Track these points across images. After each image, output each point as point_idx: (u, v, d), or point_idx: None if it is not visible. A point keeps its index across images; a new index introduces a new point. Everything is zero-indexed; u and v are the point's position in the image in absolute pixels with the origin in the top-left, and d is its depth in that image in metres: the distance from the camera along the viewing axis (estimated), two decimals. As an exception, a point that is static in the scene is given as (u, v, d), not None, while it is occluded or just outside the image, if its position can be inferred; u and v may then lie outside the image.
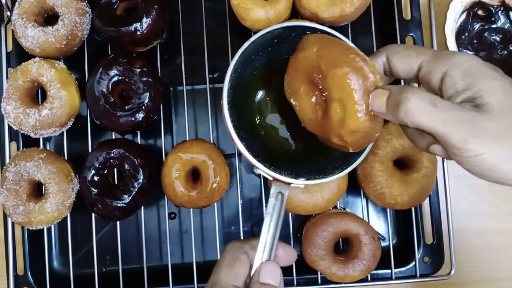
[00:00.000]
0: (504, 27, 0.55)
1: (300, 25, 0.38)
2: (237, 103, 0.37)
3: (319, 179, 0.37)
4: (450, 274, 0.52)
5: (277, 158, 0.37)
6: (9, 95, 0.50)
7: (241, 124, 0.37)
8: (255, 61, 0.39)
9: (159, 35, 0.51)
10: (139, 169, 0.50)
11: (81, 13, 0.50)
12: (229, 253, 0.37)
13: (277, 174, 0.36)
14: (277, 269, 0.36)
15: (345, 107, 0.31)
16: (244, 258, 0.36)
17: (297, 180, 0.36)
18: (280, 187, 0.37)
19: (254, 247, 0.37)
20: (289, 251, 0.40)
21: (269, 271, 0.35)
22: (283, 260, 0.39)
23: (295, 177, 0.36)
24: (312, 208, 0.51)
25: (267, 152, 0.37)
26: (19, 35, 0.50)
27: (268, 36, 0.38)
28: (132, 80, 0.49)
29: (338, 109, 0.32)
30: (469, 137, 0.28)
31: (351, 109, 0.31)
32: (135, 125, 0.50)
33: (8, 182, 0.49)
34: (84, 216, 0.54)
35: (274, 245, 0.36)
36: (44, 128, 0.50)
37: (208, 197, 0.50)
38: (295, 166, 0.37)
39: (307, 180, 0.36)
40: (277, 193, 0.37)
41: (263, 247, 0.36)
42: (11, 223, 0.53)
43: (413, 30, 0.55)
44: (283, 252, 0.39)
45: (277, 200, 0.37)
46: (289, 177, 0.36)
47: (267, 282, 0.35)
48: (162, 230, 0.57)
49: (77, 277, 0.53)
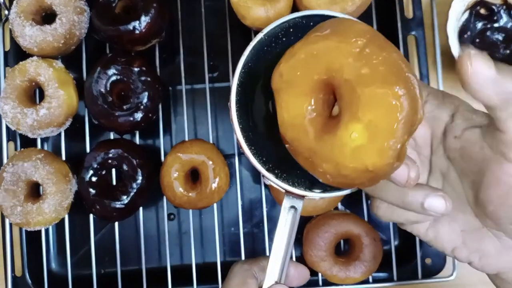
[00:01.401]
0: (506, 26, 0.55)
1: (320, 14, 0.32)
2: (247, 103, 0.32)
3: (336, 192, 0.32)
4: (452, 276, 0.52)
5: (290, 164, 0.31)
6: (6, 94, 0.49)
7: (252, 126, 0.32)
8: (268, 53, 0.33)
9: (158, 34, 0.51)
10: (137, 170, 0.50)
11: (79, 12, 0.50)
12: (236, 277, 0.35)
13: (290, 187, 0.31)
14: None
15: (373, 137, 0.24)
16: (253, 283, 0.34)
17: (311, 193, 0.31)
18: (293, 200, 0.33)
19: (263, 268, 0.35)
20: (301, 270, 0.37)
21: None
22: (295, 280, 0.37)
23: (309, 186, 0.32)
24: (313, 209, 0.51)
25: (280, 157, 0.32)
26: (16, 34, 0.49)
27: (284, 26, 0.32)
28: (131, 79, 0.49)
29: (359, 135, 0.24)
30: None
31: (381, 144, 0.24)
32: (134, 125, 0.50)
33: (5, 182, 0.49)
34: (82, 217, 0.54)
35: (286, 265, 0.33)
36: (42, 128, 0.49)
37: (208, 198, 0.50)
38: (307, 174, 0.31)
39: (323, 192, 0.32)
40: (289, 207, 0.33)
41: (272, 268, 0.33)
42: (8, 224, 0.52)
43: (415, 29, 0.55)
44: (295, 271, 0.37)
45: (289, 215, 0.33)
46: (302, 186, 0.31)
47: None
48: (161, 231, 0.56)
49: (75, 278, 0.53)
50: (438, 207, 0.28)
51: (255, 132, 0.32)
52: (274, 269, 0.33)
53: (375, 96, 0.24)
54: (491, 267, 0.31)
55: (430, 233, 0.32)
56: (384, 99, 0.23)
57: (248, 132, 0.32)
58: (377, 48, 0.24)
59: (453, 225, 0.31)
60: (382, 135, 0.24)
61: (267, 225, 0.54)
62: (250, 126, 0.32)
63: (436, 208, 0.28)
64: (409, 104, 0.23)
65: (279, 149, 0.31)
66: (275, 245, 0.33)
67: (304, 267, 0.38)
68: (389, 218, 0.32)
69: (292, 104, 0.27)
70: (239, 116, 0.32)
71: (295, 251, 0.54)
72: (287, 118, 0.28)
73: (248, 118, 0.32)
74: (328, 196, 0.32)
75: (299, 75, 0.27)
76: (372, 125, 0.24)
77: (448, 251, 0.31)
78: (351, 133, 0.24)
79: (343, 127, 0.25)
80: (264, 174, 0.31)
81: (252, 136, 0.32)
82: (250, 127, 0.32)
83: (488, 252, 0.30)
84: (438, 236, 0.31)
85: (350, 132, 0.24)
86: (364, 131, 0.24)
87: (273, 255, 0.33)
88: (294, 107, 0.27)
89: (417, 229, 0.32)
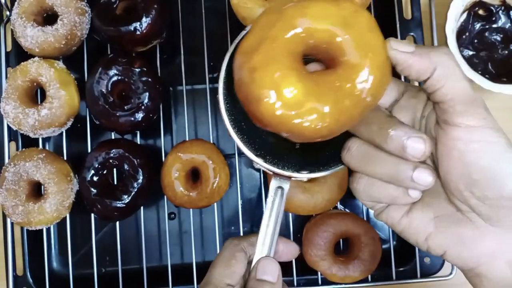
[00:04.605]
0: (505, 26, 0.55)
1: None
2: (235, 94, 0.33)
3: (322, 172, 0.34)
4: (451, 275, 0.52)
5: (282, 151, 0.34)
6: (8, 95, 0.50)
7: (242, 117, 0.34)
8: None
9: (158, 35, 0.51)
10: (138, 169, 0.50)
11: (80, 13, 0.50)
12: (226, 251, 0.36)
13: (276, 168, 0.34)
14: (275, 264, 0.35)
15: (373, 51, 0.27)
16: (241, 256, 0.36)
17: (298, 174, 0.34)
18: (280, 181, 0.36)
19: (252, 244, 0.36)
20: (290, 245, 0.38)
21: (266, 267, 0.35)
22: (284, 255, 0.38)
23: (298, 170, 0.34)
24: (313, 209, 0.51)
25: (270, 144, 0.35)
26: (18, 35, 0.50)
27: None
28: (132, 80, 0.49)
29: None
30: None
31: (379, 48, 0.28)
32: (135, 125, 0.50)
33: (7, 182, 0.49)
34: (83, 216, 0.54)
35: (274, 241, 0.35)
36: (43, 128, 0.49)
37: (208, 198, 0.50)
38: (299, 158, 0.35)
39: (310, 173, 0.34)
40: (276, 187, 0.35)
41: (262, 243, 0.35)
42: (10, 223, 0.52)
43: (413, 30, 0.55)
44: (283, 247, 0.38)
45: (277, 195, 0.35)
46: (291, 170, 0.34)
47: (264, 279, 0.34)
48: (162, 231, 0.56)
49: (76, 277, 0.53)
50: (426, 180, 0.29)
51: (246, 122, 0.34)
52: (264, 243, 0.35)
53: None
54: (468, 257, 0.30)
55: (403, 221, 0.32)
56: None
57: (240, 123, 0.34)
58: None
59: (426, 212, 0.31)
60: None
61: (267, 224, 0.54)
62: (240, 117, 0.34)
63: (424, 180, 0.29)
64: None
65: (269, 137, 0.34)
66: (264, 222, 0.35)
67: (293, 243, 0.39)
68: (367, 194, 0.32)
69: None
70: (228, 108, 0.34)
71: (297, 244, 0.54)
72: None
73: (238, 109, 0.33)
74: (315, 176, 0.34)
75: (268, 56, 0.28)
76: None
77: (422, 239, 0.31)
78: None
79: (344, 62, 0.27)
80: (253, 159, 0.33)
81: (244, 126, 0.34)
82: (241, 118, 0.34)
83: (463, 238, 0.30)
84: (411, 223, 0.32)
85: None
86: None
87: (262, 230, 0.35)
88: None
89: (391, 217, 0.32)
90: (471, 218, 0.30)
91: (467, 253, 0.30)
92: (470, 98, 0.28)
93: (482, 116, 0.28)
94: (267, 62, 0.27)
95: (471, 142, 0.28)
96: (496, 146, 0.28)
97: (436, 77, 0.28)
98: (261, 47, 0.27)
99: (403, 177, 0.29)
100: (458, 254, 0.30)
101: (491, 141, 0.28)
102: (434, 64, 0.28)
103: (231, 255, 0.36)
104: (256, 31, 0.28)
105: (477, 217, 0.29)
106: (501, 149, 0.28)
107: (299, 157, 0.31)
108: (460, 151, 0.28)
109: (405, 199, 0.31)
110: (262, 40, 0.27)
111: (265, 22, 0.28)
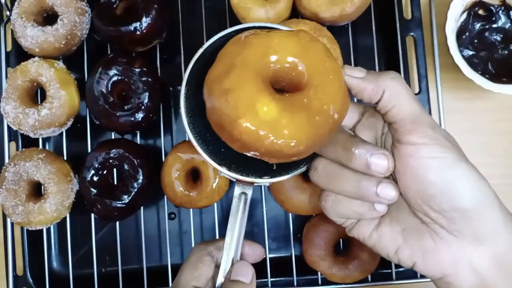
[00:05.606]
0: (504, 26, 0.55)
1: (258, 26, 0.35)
2: (198, 110, 0.36)
3: (283, 176, 0.36)
4: (450, 275, 0.52)
5: (246, 158, 0.35)
6: (8, 95, 0.50)
7: (207, 130, 0.36)
8: (209, 66, 0.37)
9: (158, 35, 0.51)
10: (138, 169, 0.50)
11: (80, 13, 0.50)
12: (193, 255, 0.38)
13: (240, 176, 0.35)
14: (248, 267, 0.37)
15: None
16: (208, 259, 0.37)
17: (261, 179, 0.36)
18: (243, 187, 0.37)
19: (219, 247, 0.38)
20: (255, 247, 0.40)
21: (240, 269, 0.36)
22: (250, 257, 0.40)
23: (261, 176, 0.36)
24: (313, 209, 0.51)
25: (236, 153, 0.35)
26: (18, 35, 0.50)
27: (223, 39, 0.35)
28: (132, 80, 0.49)
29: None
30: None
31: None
32: (135, 125, 0.50)
33: (7, 182, 0.49)
34: (83, 216, 0.54)
35: (240, 244, 0.37)
36: (43, 128, 0.49)
37: (208, 198, 0.50)
38: (263, 165, 0.36)
39: (271, 178, 0.36)
40: (240, 193, 0.37)
41: (228, 247, 0.37)
42: (10, 223, 0.52)
43: (413, 30, 0.55)
44: (249, 249, 0.40)
45: (241, 201, 0.37)
46: (254, 176, 0.35)
47: (238, 279, 0.36)
48: (162, 231, 0.56)
49: (76, 277, 0.53)
50: (389, 194, 0.31)
51: (210, 133, 0.35)
52: (230, 247, 0.37)
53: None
54: (434, 267, 0.31)
55: (374, 236, 0.34)
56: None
57: (205, 134, 0.35)
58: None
59: (394, 225, 0.33)
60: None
61: (267, 224, 0.54)
62: (205, 129, 0.35)
63: (387, 195, 0.31)
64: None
65: (232, 149, 0.35)
66: (229, 227, 0.37)
67: (258, 245, 0.41)
68: (335, 211, 0.34)
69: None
70: (192, 121, 0.35)
71: (295, 249, 0.54)
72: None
73: (203, 122, 0.35)
74: (275, 181, 0.35)
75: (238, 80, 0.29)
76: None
77: (392, 252, 0.33)
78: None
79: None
80: (217, 167, 0.35)
81: (209, 138, 0.35)
82: (206, 130, 0.35)
83: (428, 248, 0.31)
84: (381, 237, 0.33)
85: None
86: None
87: (228, 235, 0.37)
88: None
89: (362, 232, 0.34)
90: (434, 229, 0.31)
91: (433, 264, 0.32)
92: (417, 117, 0.30)
93: (428, 133, 0.30)
94: (239, 85, 0.28)
95: (421, 159, 0.30)
96: (443, 161, 0.30)
97: (385, 100, 0.31)
98: (231, 72, 0.28)
99: (368, 193, 0.31)
100: (425, 265, 0.32)
101: (438, 156, 0.30)
102: (382, 88, 0.31)
103: (198, 259, 0.38)
104: (223, 60, 0.30)
105: (440, 228, 0.31)
106: (448, 164, 0.30)
107: (262, 163, 0.33)
108: (413, 168, 0.30)
109: (372, 213, 0.32)
110: (231, 66, 0.28)
111: (231, 51, 0.30)
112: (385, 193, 0.31)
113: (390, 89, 0.31)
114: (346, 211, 0.33)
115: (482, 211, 0.30)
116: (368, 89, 0.31)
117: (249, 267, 0.37)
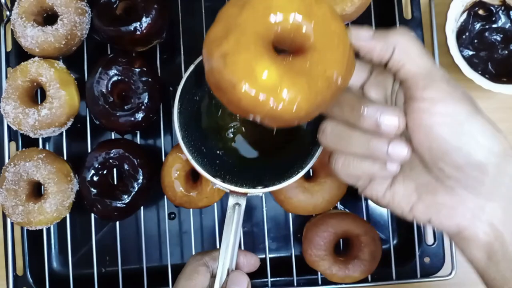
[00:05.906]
0: (504, 26, 0.55)
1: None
2: (191, 126, 0.37)
3: (276, 186, 0.36)
4: (451, 275, 0.52)
5: (240, 168, 0.37)
6: (8, 95, 0.50)
7: (202, 141, 0.37)
8: (200, 82, 0.39)
9: (158, 35, 0.51)
10: (138, 169, 0.50)
11: (80, 13, 0.50)
12: (189, 266, 0.39)
13: (234, 187, 0.36)
14: (243, 276, 0.38)
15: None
16: (203, 270, 0.38)
17: (254, 189, 0.36)
18: (237, 198, 0.38)
19: (214, 258, 0.39)
20: (250, 257, 0.41)
21: (235, 278, 0.37)
22: (245, 267, 0.40)
23: (254, 186, 0.36)
24: (313, 209, 0.51)
25: (230, 164, 0.37)
26: (18, 35, 0.50)
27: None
28: (132, 80, 0.49)
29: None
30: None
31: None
32: (135, 125, 0.50)
33: (7, 182, 0.49)
34: (83, 216, 0.54)
35: (235, 253, 0.38)
36: (43, 128, 0.49)
37: (208, 198, 0.50)
38: (256, 175, 0.37)
39: (264, 187, 0.36)
40: (233, 204, 0.38)
41: (223, 257, 0.37)
42: (10, 223, 0.52)
43: (413, 30, 0.55)
44: (244, 259, 0.40)
45: (234, 211, 0.38)
46: (248, 187, 0.36)
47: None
48: (162, 231, 0.56)
49: (76, 277, 0.53)
50: (401, 152, 0.29)
51: (205, 146, 0.37)
52: (225, 257, 0.37)
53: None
54: (450, 222, 0.31)
55: (387, 195, 0.33)
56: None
57: (200, 147, 0.36)
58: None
59: (408, 183, 0.32)
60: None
61: (267, 224, 0.54)
62: (199, 141, 0.36)
63: (399, 153, 0.29)
64: None
65: (228, 157, 0.37)
66: (224, 237, 0.38)
67: (253, 255, 0.41)
68: (346, 172, 0.32)
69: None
70: (186, 135, 0.36)
71: (295, 249, 0.54)
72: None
73: (197, 135, 0.36)
74: (268, 190, 0.36)
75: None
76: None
77: (407, 210, 0.32)
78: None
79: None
80: (210, 179, 0.36)
81: (204, 150, 0.36)
82: (200, 143, 0.36)
83: (444, 204, 0.31)
84: (395, 196, 0.32)
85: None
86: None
87: (224, 245, 0.37)
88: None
89: (375, 192, 0.33)
90: (450, 185, 0.30)
91: (449, 219, 0.31)
92: (430, 72, 0.29)
93: (442, 87, 0.29)
94: (239, 47, 0.26)
95: (435, 114, 0.29)
96: (457, 115, 0.29)
97: (396, 57, 0.30)
98: (230, 35, 0.27)
99: (379, 152, 0.30)
100: (440, 221, 0.31)
101: (452, 110, 0.29)
102: (392, 45, 0.29)
103: (193, 269, 0.38)
104: (222, 21, 0.28)
105: (455, 183, 0.30)
106: (462, 118, 0.29)
107: (256, 173, 0.34)
108: (427, 124, 0.29)
109: (384, 173, 0.31)
110: (230, 28, 0.27)
111: (230, 12, 0.28)
112: (396, 152, 0.29)
113: (400, 45, 0.29)
114: (357, 171, 0.32)
115: (498, 164, 0.29)
116: (377, 48, 0.30)
117: (244, 277, 0.38)
